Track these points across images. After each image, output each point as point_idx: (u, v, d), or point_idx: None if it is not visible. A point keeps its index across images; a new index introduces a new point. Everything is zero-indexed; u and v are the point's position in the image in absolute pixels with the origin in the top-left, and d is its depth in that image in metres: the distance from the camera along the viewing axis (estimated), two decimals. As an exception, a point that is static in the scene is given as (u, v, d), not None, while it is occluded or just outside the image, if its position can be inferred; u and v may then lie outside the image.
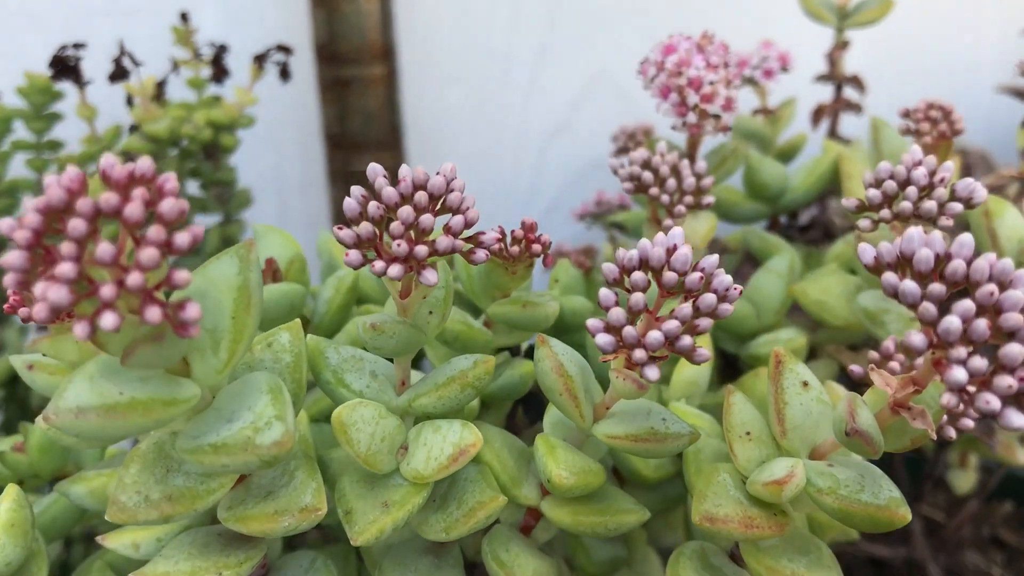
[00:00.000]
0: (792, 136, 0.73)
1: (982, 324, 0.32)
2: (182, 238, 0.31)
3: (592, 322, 0.38)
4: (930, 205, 0.46)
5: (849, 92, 0.79)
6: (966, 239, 0.34)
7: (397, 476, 0.42)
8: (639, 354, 0.37)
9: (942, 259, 0.34)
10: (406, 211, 0.38)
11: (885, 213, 0.47)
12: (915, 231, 0.34)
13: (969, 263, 0.33)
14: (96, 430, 0.33)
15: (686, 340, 0.37)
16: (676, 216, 0.54)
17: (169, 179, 0.32)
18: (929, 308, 0.33)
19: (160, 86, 0.78)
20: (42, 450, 0.51)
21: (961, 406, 0.32)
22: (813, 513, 0.47)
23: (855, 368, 0.42)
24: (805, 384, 0.42)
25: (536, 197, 1.35)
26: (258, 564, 0.42)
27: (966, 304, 0.32)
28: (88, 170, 0.80)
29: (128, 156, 0.73)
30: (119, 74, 0.73)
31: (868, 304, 0.52)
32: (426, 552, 0.46)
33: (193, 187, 0.84)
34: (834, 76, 0.77)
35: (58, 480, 0.51)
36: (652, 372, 0.37)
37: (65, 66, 0.74)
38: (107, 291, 0.29)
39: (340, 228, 0.38)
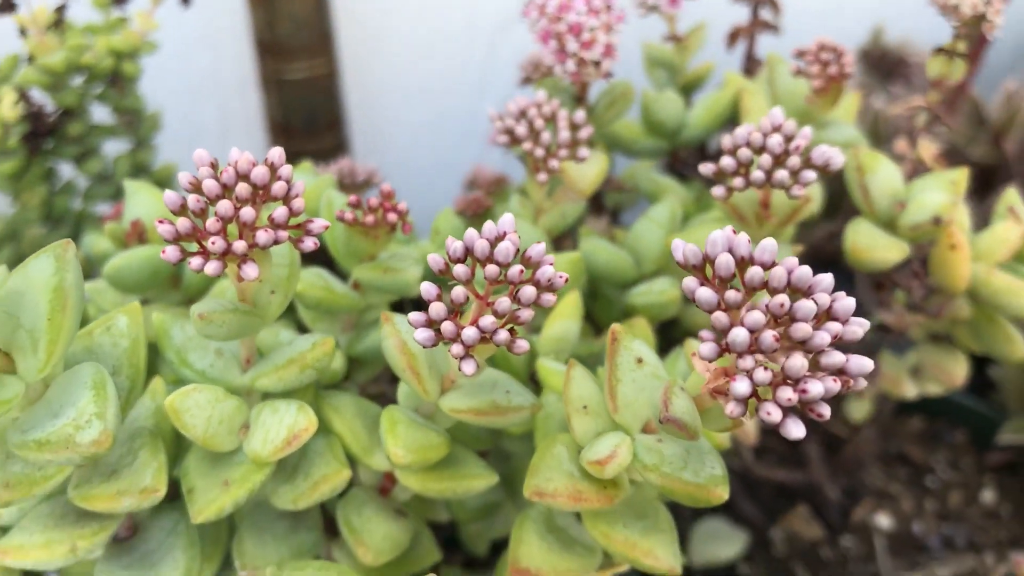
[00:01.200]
0: (699, 65, 0.71)
1: (768, 337, 0.32)
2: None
3: (412, 316, 0.38)
4: (782, 174, 0.46)
5: (766, 14, 0.77)
6: (768, 244, 0.34)
7: (240, 454, 0.43)
8: (456, 349, 0.37)
9: (745, 262, 0.34)
10: (224, 205, 0.37)
11: (739, 182, 0.47)
12: (718, 234, 0.34)
13: (767, 268, 0.34)
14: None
15: (502, 335, 0.37)
16: (551, 171, 0.54)
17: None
18: (721, 318, 0.33)
19: (59, 12, 0.76)
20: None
21: (744, 412, 0.33)
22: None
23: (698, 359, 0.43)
24: (639, 361, 0.42)
25: (484, 95, 1.33)
26: (111, 536, 0.44)
27: (755, 316, 0.32)
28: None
29: (22, 91, 0.72)
30: (5, 6, 0.71)
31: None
32: (283, 517, 0.47)
33: (103, 113, 0.83)
34: (749, -2, 0.75)
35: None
36: (468, 366, 0.37)
37: (-51, -5, 0.71)
38: None
39: (160, 222, 0.38)
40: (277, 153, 0.39)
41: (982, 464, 0.84)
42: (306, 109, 1.14)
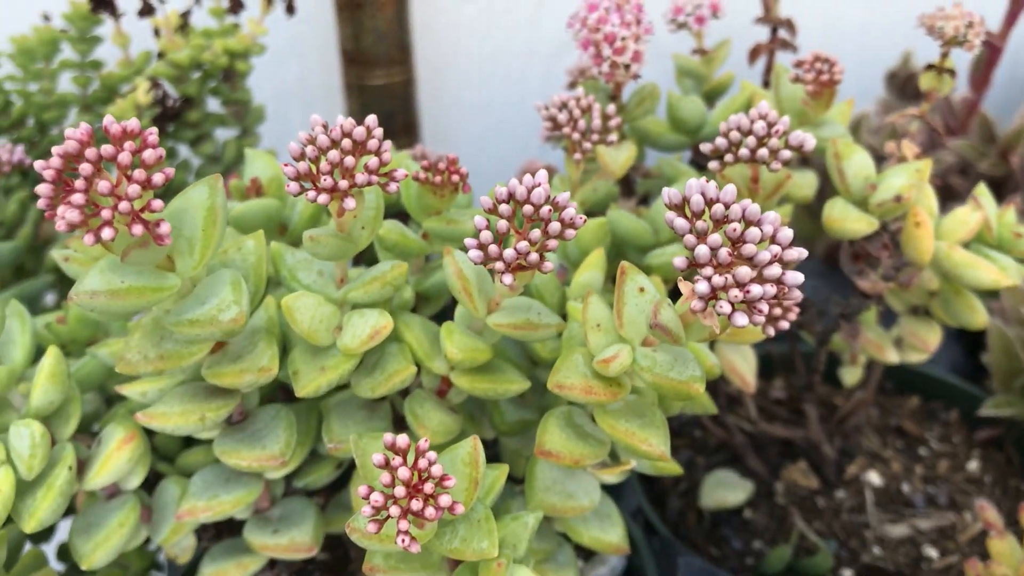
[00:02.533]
0: (722, 75, 0.83)
1: (724, 252, 0.44)
2: (158, 177, 0.44)
3: (467, 240, 0.51)
4: (763, 152, 0.58)
5: (784, 33, 0.88)
6: (729, 188, 0.46)
7: (333, 349, 0.56)
8: (499, 265, 0.50)
9: (712, 201, 0.46)
10: (333, 154, 0.51)
11: (729, 157, 0.59)
12: (694, 181, 0.47)
13: (728, 206, 0.46)
14: (105, 307, 0.48)
15: (533, 256, 0.50)
16: (584, 152, 0.67)
17: (152, 133, 0.46)
18: (690, 239, 0.45)
19: (184, 17, 0.91)
20: (78, 322, 0.66)
21: (704, 308, 0.45)
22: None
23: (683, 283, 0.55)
24: (641, 290, 0.54)
25: (542, 110, 1.45)
26: (232, 411, 0.57)
27: (715, 237, 0.45)
28: (122, 89, 0.94)
29: (154, 81, 0.87)
30: (146, 10, 0.86)
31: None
32: (362, 407, 0.60)
33: (215, 104, 0.98)
34: (769, 19, 0.87)
35: (91, 346, 0.67)
36: (507, 279, 0.50)
37: (102, 0, 0.87)
38: (106, 213, 0.43)
39: (285, 165, 0.52)
40: (373, 119, 0.53)
41: (971, 440, 0.94)
42: (384, 113, 1.27)
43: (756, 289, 0.44)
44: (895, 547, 0.82)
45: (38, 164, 0.44)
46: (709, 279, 0.45)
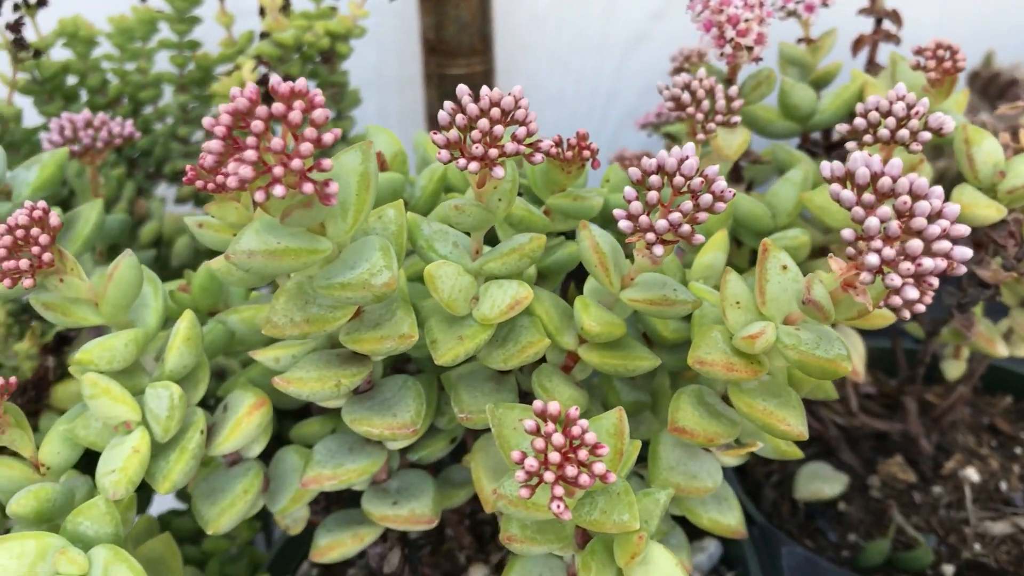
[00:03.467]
0: (829, 64, 0.83)
1: (894, 224, 0.44)
2: (328, 136, 0.44)
3: (616, 211, 0.51)
4: (903, 133, 0.57)
5: (889, 25, 0.88)
6: (896, 162, 0.46)
7: (469, 319, 0.56)
8: (650, 236, 0.50)
9: (876, 176, 0.46)
10: (484, 122, 0.51)
11: (868, 138, 0.59)
12: (859, 154, 0.46)
13: (895, 180, 0.45)
14: (261, 267, 0.48)
15: (685, 228, 0.50)
16: (708, 132, 0.66)
17: (318, 94, 0.46)
18: (858, 212, 0.45)
19: (286, -1, 0.91)
20: (201, 291, 0.67)
21: (872, 281, 0.45)
22: (792, 371, 0.60)
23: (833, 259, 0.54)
24: (784, 267, 0.54)
25: (614, 102, 1.45)
26: (365, 378, 0.58)
27: (884, 209, 0.44)
28: (224, 69, 0.95)
29: (260, 59, 0.87)
30: (254, -11, 0.86)
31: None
32: (489, 379, 0.60)
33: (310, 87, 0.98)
34: (874, 10, 0.87)
35: (212, 314, 0.67)
36: (659, 250, 0.50)
37: (208, -21, 0.88)
38: (278, 171, 0.43)
39: (435, 133, 0.52)
40: (519, 90, 0.53)
41: (1068, 441, 0.93)
42: None
43: (927, 262, 0.43)
44: (997, 544, 0.81)
45: (206, 121, 0.45)
46: (879, 251, 0.44)
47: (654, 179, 0.50)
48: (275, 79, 0.45)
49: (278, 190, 0.43)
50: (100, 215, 0.69)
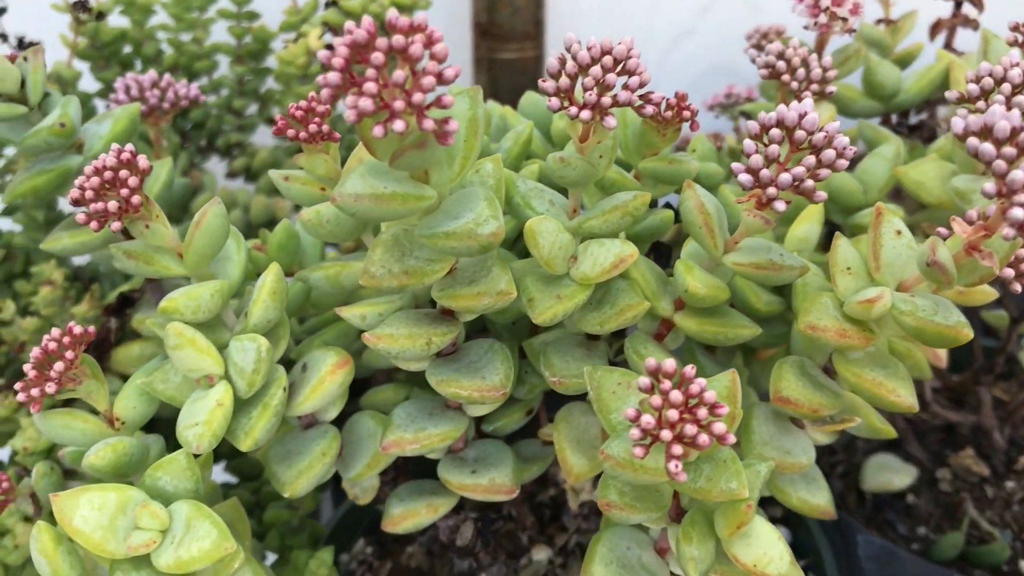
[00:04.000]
0: (909, 45, 0.81)
1: (1039, 177, 0.42)
2: (449, 71, 0.42)
3: (735, 165, 0.49)
4: (1021, 98, 0.55)
5: (968, 9, 0.86)
6: (1037, 115, 0.44)
7: (567, 279, 0.54)
8: (771, 191, 0.48)
9: (1017, 131, 0.44)
10: (596, 70, 0.49)
11: (981, 104, 0.57)
12: (998, 107, 0.44)
13: (1038, 133, 0.43)
14: (366, 211, 0.46)
15: (808, 183, 0.48)
16: (801, 101, 0.64)
17: (437, 29, 0.44)
18: (1000, 165, 0.43)
19: (351, -34, 0.90)
20: (278, 250, 0.65)
21: (1015, 236, 0.43)
22: (892, 344, 0.58)
23: (940, 229, 0.52)
24: (898, 232, 0.52)
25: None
26: (455, 338, 0.56)
27: (1029, 162, 0.42)
28: (286, 37, 0.93)
29: (327, 26, 0.86)
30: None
31: (960, 185, 0.61)
32: (579, 346, 0.58)
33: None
34: (956, -8, 0.85)
35: (288, 275, 0.65)
36: (780, 206, 0.48)
37: (276, -56, 0.86)
38: (398, 104, 0.42)
39: (544, 80, 0.50)
40: (630, 40, 0.51)
41: None
42: (512, 87, 1.26)
43: (1076, 217, 0.41)
44: (1074, 541, 0.79)
45: (322, 55, 0.43)
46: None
47: (775, 132, 0.48)
48: (392, 12, 0.44)
49: (398, 125, 0.41)
50: (170, 173, 0.67)
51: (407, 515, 0.63)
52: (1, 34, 0.83)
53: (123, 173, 0.52)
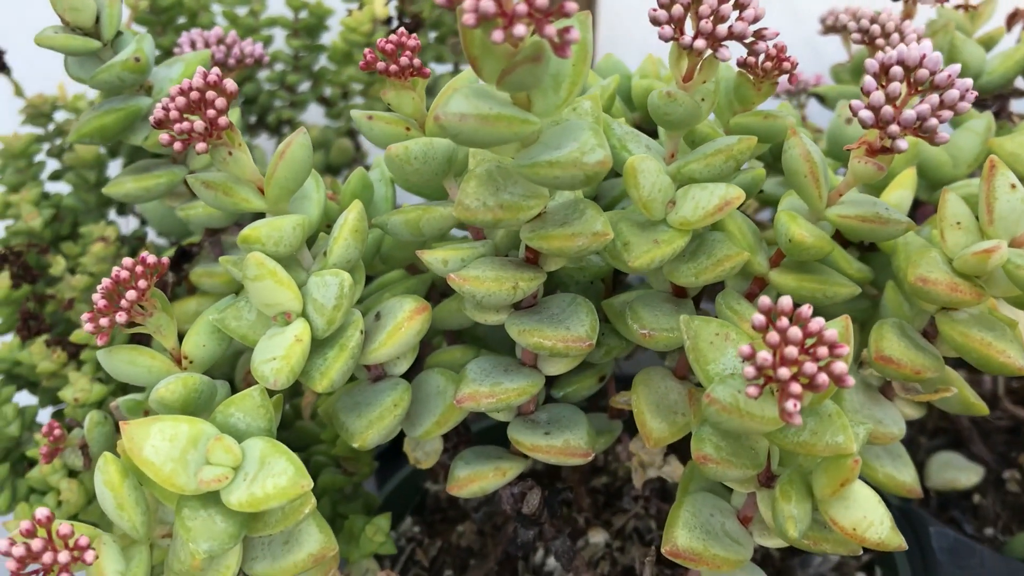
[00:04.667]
0: (991, 29, 0.79)
1: None
2: (573, -22, 0.41)
3: (855, 103, 0.47)
4: None
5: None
6: None
7: (663, 225, 0.52)
8: (894, 128, 0.46)
9: None
10: (711, 1, 0.47)
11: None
12: None
13: None
14: (471, 131, 0.44)
15: (932, 121, 0.46)
16: (896, 66, 0.62)
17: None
18: None
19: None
20: (352, 196, 0.62)
21: None
22: (994, 314, 0.56)
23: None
24: (1013, 186, 0.50)
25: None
26: (539, 286, 0.53)
27: None
28: (350, 7, 0.92)
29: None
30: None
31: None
32: (667, 301, 0.56)
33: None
34: (1035, -18, 0.83)
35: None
36: (902, 144, 0.46)
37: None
38: (521, 8, 0.40)
39: (655, 9, 0.48)
40: (742, -26, 0.49)
41: None
42: None
43: None
44: None
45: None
46: None
47: (896, 70, 0.46)
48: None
49: (519, 29, 0.39)
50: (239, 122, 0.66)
51: (474, 477, 0.61)
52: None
53: (210, 94, 0.50)
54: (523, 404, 0.60)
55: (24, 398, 0.78)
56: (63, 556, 0.44)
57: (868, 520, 0.49)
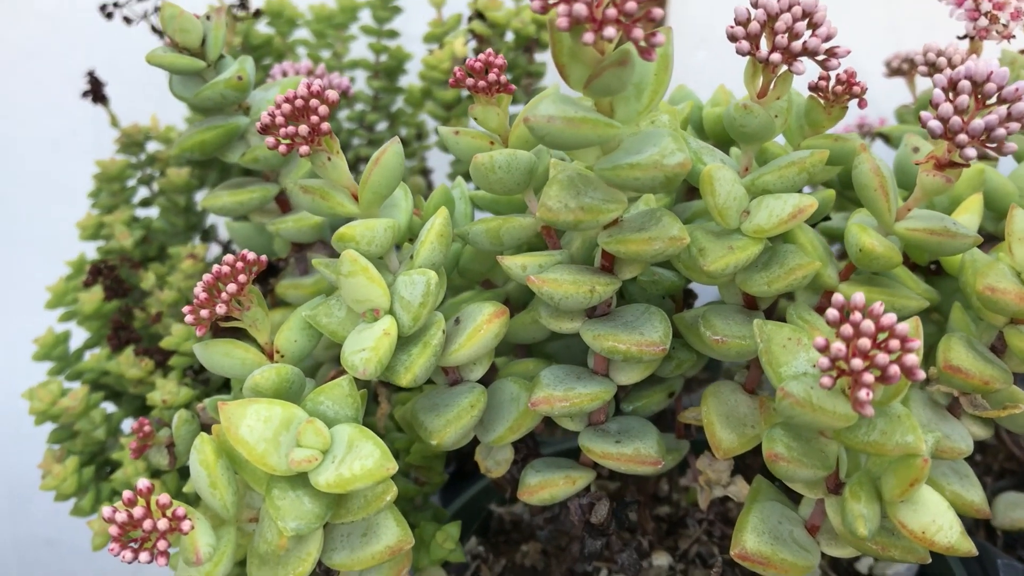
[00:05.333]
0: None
1: None
2: (660, -13, 0.44)
3: (924, 114, 0.49)
4: None
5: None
6: None
7: (737, 234, 0.54)
8: (962, 137, 0.48)
9: None
10: (787, 17, 0.50)
11: None
12: None
13: None
14: (558, 133, 0.47)
15: (1000, 131, 0.47)
16: (962, 97, 0.65)
17: (644, -46, 0.45)
18: None
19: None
20: (435, 210, 0.66)
21: None
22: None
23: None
24: (1081, 202, 0.51)
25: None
26: (614, 292, 0.56)
27: None
28: (431, 48, 0.97)
29: (473, 33, 0.89)
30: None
31: None
32: (738, 312, 0.58)
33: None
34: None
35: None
36: (970, 152, 0.48)
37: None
38: (611, 12, 0.43)
39: (731, 26, 0.51)
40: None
41: None
42: None
43: None
44: None
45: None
46: None
47: (964, 84, 0.49)
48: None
49: (609, 31, 0.42)
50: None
51: (544, 484, 0.62)
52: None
53: (313, 102, 0.53)
54: (594, 413, 0.62)
55: (109, 408, 0.82)
56: (162, 523, 0.46)
57: (937, 524, 0.50)
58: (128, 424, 0.82)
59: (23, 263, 1.12)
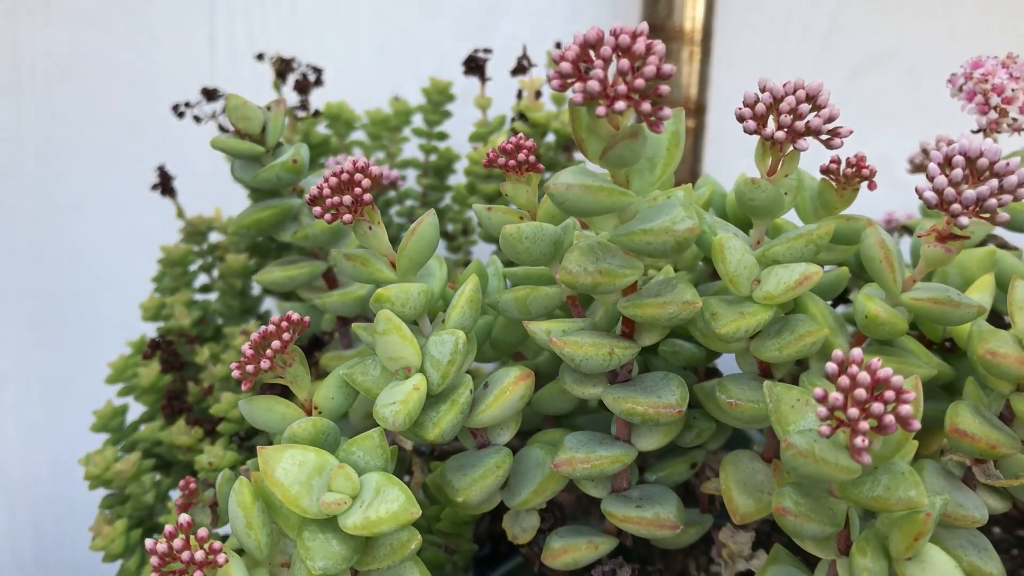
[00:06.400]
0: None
1: None
2: (667, 67, 0.48)
3: (920, 184, 0.52)
4: None
5: None
6: None
7: (748, 302, 0.57)
8: (955, 207, 0.51)
9: None
10: (791, 99, 0.54)
11: None
12: None
13: None
14: (576, 199, 0.51)
15: (992, 202, 0.51)
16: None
17: (657, 45, 0.50)
18: None
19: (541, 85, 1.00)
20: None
21: None
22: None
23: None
24: (1079, 273, 0.54)
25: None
26: (632, 358, 0.59)
27: None
28: (476, 146, 1.03)
29: (515, 133, 0.94)
30: (519, 70, 0.95)
31: None
32: (753, 379, 0.60)
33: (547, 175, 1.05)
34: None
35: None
36: (964, 220, 0.51)
37: (475, 65, 0.97)
38: (621, 88, 0.47)
39: (740, 108, 0.55)
40: (819, 83, 0.56)
41: None
42: (676, 89, 1.28)
43: None
44: None
45: (555, 53, 0.49)
46: None
47: (958, 159, 0.52)
48: (618, 22, 0.50)
49: (619, 105, 0.47)
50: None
51: (567, 549, 0.64)
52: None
53: (357, 176, 0.58)
54: (617, 479, 0.64)
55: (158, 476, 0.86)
56: (199, 555, 0.50)
57: (946, 583, 0.51)
58: (176, 494, 0.85)
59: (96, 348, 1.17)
